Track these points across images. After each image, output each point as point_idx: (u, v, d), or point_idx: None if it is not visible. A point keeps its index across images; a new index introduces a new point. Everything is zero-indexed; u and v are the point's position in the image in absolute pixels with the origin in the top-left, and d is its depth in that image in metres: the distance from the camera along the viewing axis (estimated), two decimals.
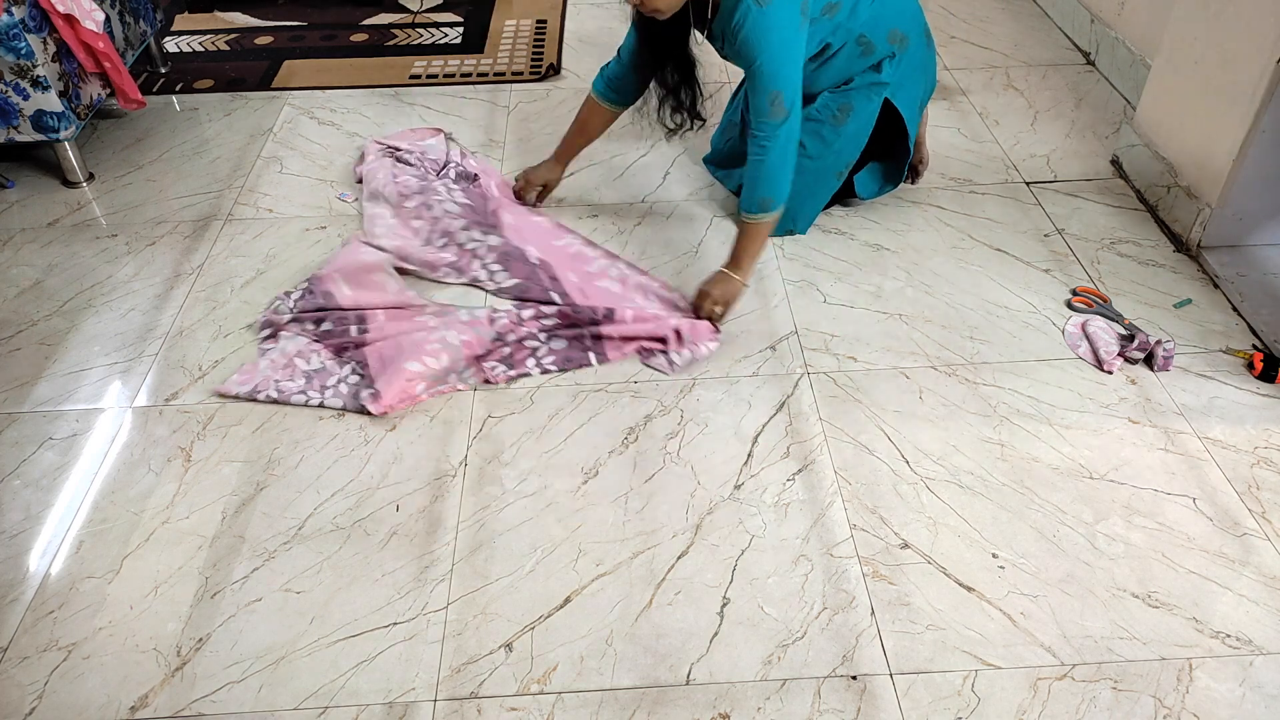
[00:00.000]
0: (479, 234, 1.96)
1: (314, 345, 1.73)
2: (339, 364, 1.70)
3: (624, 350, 1.73)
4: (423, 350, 1.67)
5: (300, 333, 1.76)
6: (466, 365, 1.68)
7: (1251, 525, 1.43)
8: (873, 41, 1.79)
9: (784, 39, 1.64)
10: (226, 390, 1.66)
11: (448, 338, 1.69)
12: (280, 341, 1.74)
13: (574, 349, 1.72)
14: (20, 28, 1.94)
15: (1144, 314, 1.80)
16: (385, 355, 1.69)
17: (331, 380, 1.67)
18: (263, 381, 1.67)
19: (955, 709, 1.21)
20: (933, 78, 1.96)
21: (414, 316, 1.77)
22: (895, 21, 1.81)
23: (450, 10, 3.07)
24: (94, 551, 1.42)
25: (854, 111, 1.85)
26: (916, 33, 1.85)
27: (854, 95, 1.84)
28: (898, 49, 1.82)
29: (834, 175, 1.94)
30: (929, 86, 1.96)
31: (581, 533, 1.43)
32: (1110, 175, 2.20)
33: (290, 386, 1.66)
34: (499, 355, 1.70)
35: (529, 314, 1.78)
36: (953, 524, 1.43)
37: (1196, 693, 1.22)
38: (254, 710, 1.22)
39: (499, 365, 1.69)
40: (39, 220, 2.11)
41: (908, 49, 1.83)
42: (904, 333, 1.78)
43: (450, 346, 1.68)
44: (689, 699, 1.23)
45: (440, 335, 1.70)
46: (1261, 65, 1.72)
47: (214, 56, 2.79)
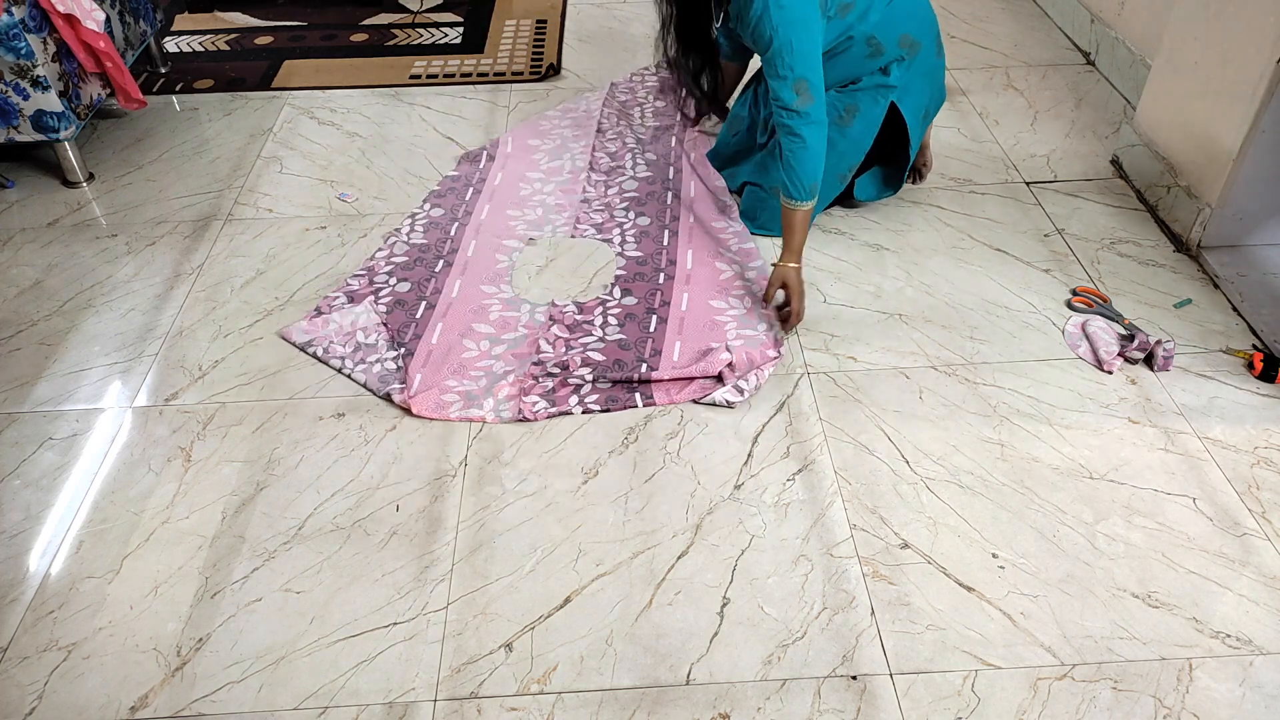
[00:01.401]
0: (634, 214, 2.07)
1: (379, 324, 1.79)
2: (390, 345, 1.74)
3: (673, 396, 1.65)
4: (466, 371, 1.69)
5: (374, 305, 1.83)
6: (508, 397, 1.64)
7: (1251, 525, 1.43)
8: (883, 44, 1.80)
9: (805, 28, 1.63)
10: (288, 335, 1.76)
11: (494, 366, 1.70)
12: (358, 306, 1.82)
13: (619, 390, 1.67)
14: (20, 28, 1.94)
15: (1144, 314, 1.80)
16: (433, 357, 1.71)
17: (373, 358, 1.72)
18: (320, 339, 1.75)
19: (955, 709, 1.21)
20: (941, 89, 1.96)
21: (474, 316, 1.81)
22: (907, 27, 1.81)
23: (450, 10, 3.07)
24: (94, 551, 1.42)
25: (860, 113, 1.85)
26: (928, 41, 1.85)
27: (860, 96, 1.85)
28: (908, 54, 1.82)
29: (836, 177, 1.94)
30: (936, 97, 1.95)
31: (581, 533, 1.43)
32: (1110, 175, 2.20)
33: (337, 350, 1.73)
34: (542, 390, 1.66)
35: (575, 353, 1.72)
36: (953, 524, 1.43)
37: (1196, 693, 1.22)
38: (254, 710, 1.22)
39: (540, 401, 1.64)
40: (39, 220, 2.11)
41: (918, 55, 1.83)
42: (904, 333, 1.78)
43: (492, 374, 1.69)
44: (689, 699, 1.23)
45: (488, 363, 1.71)
46: (1261, 65, 1.72)
47: (214, 56, 2.79)
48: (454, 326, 1.79)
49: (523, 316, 1.81)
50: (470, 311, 1.82)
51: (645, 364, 1.69)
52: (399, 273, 1.92)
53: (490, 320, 1.80)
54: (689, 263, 1.93)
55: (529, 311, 1.83)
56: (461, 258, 1.96)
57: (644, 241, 1.99)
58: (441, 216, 2.08)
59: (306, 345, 1.75)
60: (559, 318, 1.80)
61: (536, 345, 1.74)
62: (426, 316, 1.81)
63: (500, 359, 1.72)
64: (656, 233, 2.02)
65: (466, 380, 1.67)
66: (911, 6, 1.82)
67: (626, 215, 2.07)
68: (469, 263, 1.94)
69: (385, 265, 1.94)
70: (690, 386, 1.66)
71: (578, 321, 1.80)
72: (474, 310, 1.83)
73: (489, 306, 1.84)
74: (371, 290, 1.87)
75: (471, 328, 1.78)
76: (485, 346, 1.75)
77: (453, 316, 1.81)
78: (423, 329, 1.78)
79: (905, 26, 1.80)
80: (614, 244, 1.99)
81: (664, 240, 1.99)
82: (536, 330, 1.78)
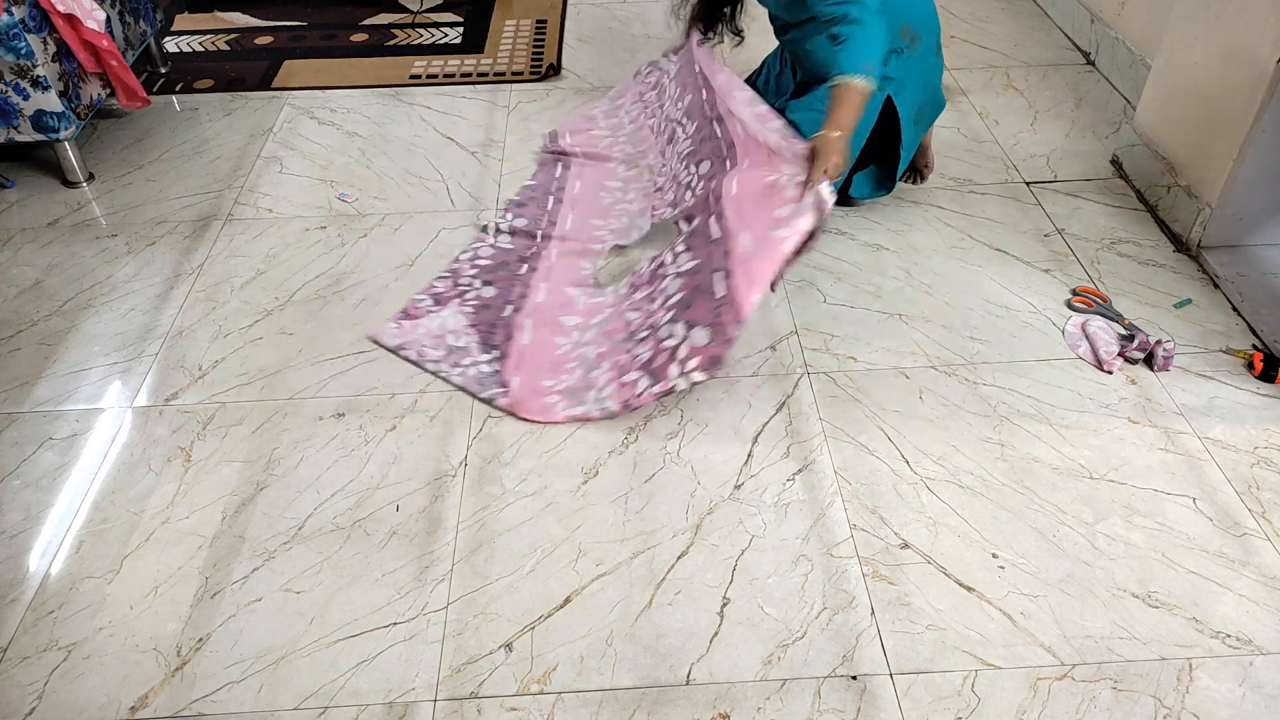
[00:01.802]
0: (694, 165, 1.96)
1: (468, 327, 1.78)
2: (482, 348, 1.73)
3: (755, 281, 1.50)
4: (561, 367, 1.68)
5: (461, 307, 1.82)
6: (608, 382, 1.61)
7: (1251, 525, 1.43)
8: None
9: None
10: (378, 337, 1.75)
11: (586, 353, 1.69)
12: (444, 310, 1.81)
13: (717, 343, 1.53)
14: (20, 28, 1.94)
15: (1144, 314, 1.80)
16: (527, 358, 1.70)
17: (467, 360, 1.71)
18: (412, 342, 1.74)
19: (955, 709, 1.21)
20: (938, 93, 1.94)
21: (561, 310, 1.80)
22: (909, 18, 1.80)
23: (450, 10, 3.07)
24: (94, 551, 1.42)
25: None
26: (929, 37, 1.84)
27: None
28: (907, 46, 1.81)
29: None
30: (933, 99, 1.94)
31: (581, 533, 1.43)
32: (1110, 175, 2.20)
33: (431, 354, 1.72)
34: (639, 365, 1.60)
35: (658, 303, 1.68)
36: (953, 524, 1.43)
37: (1196, 693, 1.22)
38: (254, 710, 1.22)
39: (642, 378, 1.58)
40: (39, 220, 2.11)
41: (916, 49, 1.83)
42: (904, 333, 1.78)
43: (585, 361, 1.68)
44: (689, 699, 1.23)
45: (580, 352, 1.70)
46: (1261, 65, 1.72)
47: (214, 56, 2.79)
48: (543, 323, 1.77)
49: (608, 298, 1.81)
50: (556, 306, 1.81)
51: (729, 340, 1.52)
52: (484, 275, 1.91)
53: (577, 310, 1.80)
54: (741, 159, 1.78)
55: (613, 291, 1.83)
56: (545, 263, 1.94)
57: (704, 184, 1.89)
58: (525, 225, 2.05)
59: (399, 349, 1.74)
60: (638, 282, 1.79)
61: (624, 320, 1.72)
62: (514, 318, 1.79)
63: (591, 343, 1.71)
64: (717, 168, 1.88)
65: (563, 374, 1.66)
66: (916, 1, 1.81)
67: (689, 171, 1.99)
68: (552, 268, 1.92)
69: (470, 268, 1.92)
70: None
71: (654, 272, 1.77)
72: (560, 305, 1.81)
73: (575, 298, 1.83)
74: (457, 293, 1.86)
75: (559, 322, 1.77)
76: (576, 337, 1.74)
77: (541, 314, 1.79)
78: (512, 330, 1.77)
79: (907, 17, 1.80)
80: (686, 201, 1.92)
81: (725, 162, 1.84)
82: (620, 303, 1.77)
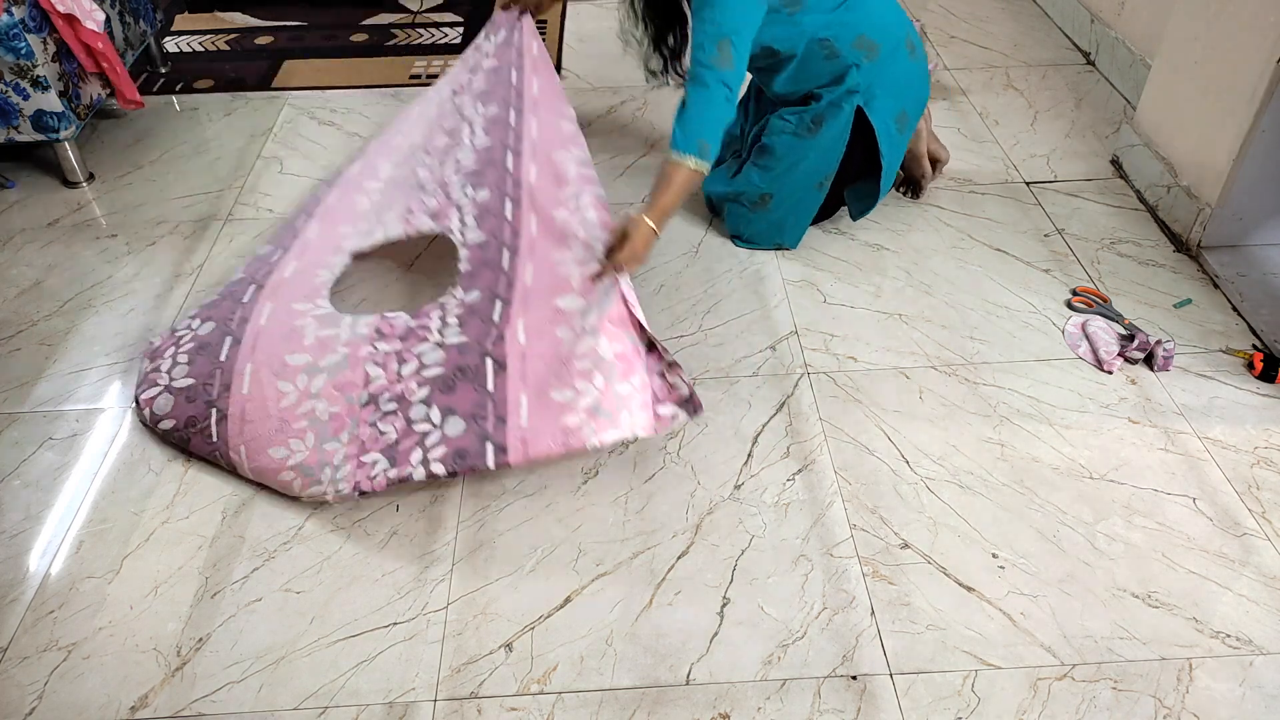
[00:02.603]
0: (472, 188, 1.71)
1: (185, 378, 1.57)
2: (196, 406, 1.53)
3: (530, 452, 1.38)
4: (289, 427, 1.46)
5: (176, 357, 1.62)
6: (345, 459, 1.42)
7: (1251, 525, 1.43)
8: (837, 47, 1.74)
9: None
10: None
11: (316, 409, 1.47)
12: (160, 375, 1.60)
13: (470, 435, 1.40)
14: (20, 28, 1.94)
15: (1144, 314, 1.80)
16: (248, 416, 1.49)
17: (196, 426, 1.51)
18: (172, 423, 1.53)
19: (955, 709, 1.21)
20: (917, 94, 1.88)
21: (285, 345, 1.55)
22: (863, 28, 1.75)
23: (450, 10, 3.07)
24: (94, 551, 1.42)
25: (826, 122, 1.79)
26: (890, 44, 1.78)
27: (823, 106, 1.79)
28: (865, 57, 1.76)
29: (814, 187, 1.89)
30: (912, 102, 1.87)
31: (581, 533, 1.43)
32: (1110, 175, 2.20)
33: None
34: (382, 444, 1.42)
35: (410, 369, 1.49)
36: (953, 524, 1.43)
37: (1196, 693, 1.22)
38: (254, 710, 1.22)
39: (380, 460, 1.41)
40: (39, 220, 2.11)
41: (877, 59, 1.77)
42: (904, 333, 1.78)
43: (318, 423, 1.46)
44: (689, 699, 1.23)
45: (309, 406, 1.48)
46: (1261, 65, 1.72)
47: (214, 56, 2.79)
48: (265, 364, 1.52)
49: (342, 333, 1.54)
50: (281, 338, 1.55)
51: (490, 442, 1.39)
52: (203, 313, 1.69)
53: (305, 345, 1.53)
54: (533, 229, 1.61)
55: (349, 326, 1.56)
56: (276, 279, 1.68)
57: (485, 221, 1.65)
58: (267, 253, 1.80)
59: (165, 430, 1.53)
60: (387, 330, 1.54)
61: (364, 373, 1.49)
62: (233, 356, 1.55)
63: (321, 396, 1.48)
64: (497, 206, 1.66)
65: (293, 438, 1.45)
66: (870, 11, 1.76)
67: (464, 193, 1.72)
68: (282, 283, 1.66)
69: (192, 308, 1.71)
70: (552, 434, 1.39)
71: (410, 329, 1.53)
72: (285, 336, 1.55)
73: (302, 329, 1.56)
74: (173, 341, 1.65)
75: (285, 362, 1.52)
76: (303, 383, 1.49)
77: (262, 351, 1.54)
78: (230, 375, 1.53)
79: (862, 28, 1.75)
80: (454, 231, 1.67)
81: (506, 212, 1.65)
82: (359, 346, 1.52)
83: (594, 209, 1.60)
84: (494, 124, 1.79)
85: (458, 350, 1.49)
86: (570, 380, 1.42)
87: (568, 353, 1.44)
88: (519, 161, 1.72)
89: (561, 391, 1.41)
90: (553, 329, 1.48)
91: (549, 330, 1.48)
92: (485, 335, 1.49)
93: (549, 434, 1.39)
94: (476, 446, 1.39)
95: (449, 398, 1.44)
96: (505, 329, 1.49)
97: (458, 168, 1.77)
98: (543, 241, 1.59)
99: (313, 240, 1.77)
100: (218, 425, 1.50)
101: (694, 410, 1.42)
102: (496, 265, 1.58)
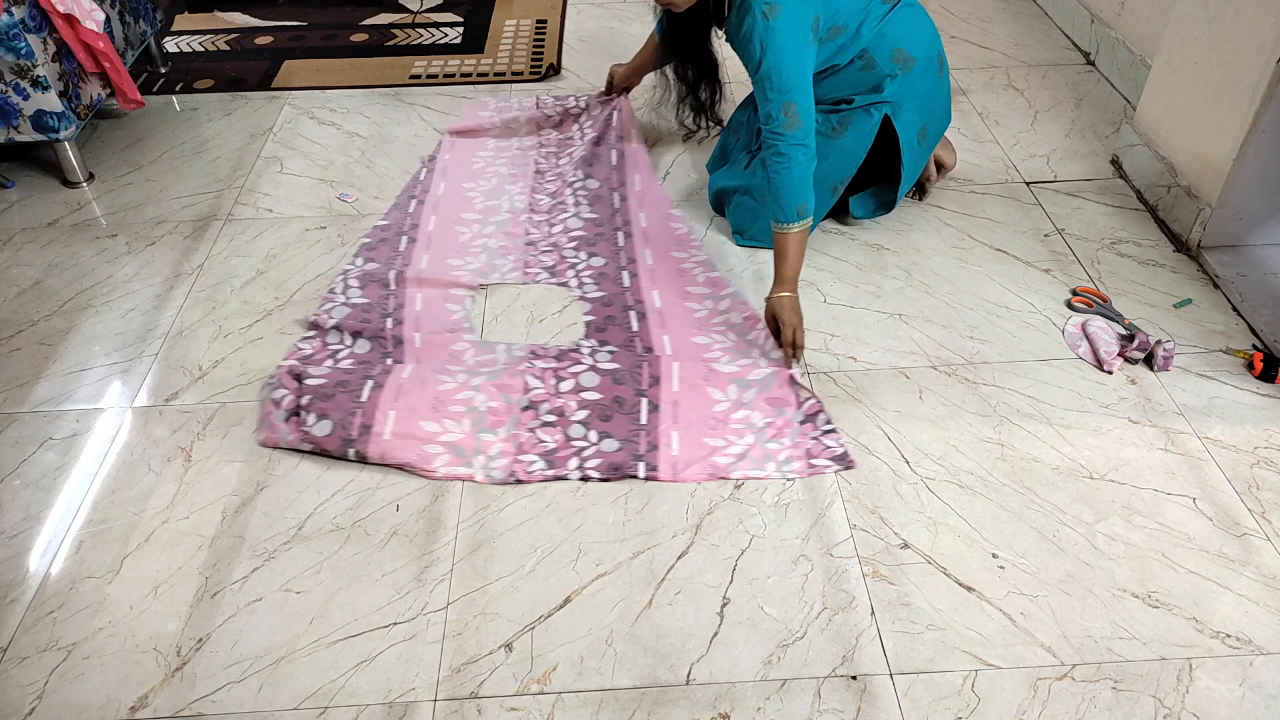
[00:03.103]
0: (585, 254, 1.96)
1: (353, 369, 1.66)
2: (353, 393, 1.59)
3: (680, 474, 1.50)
4: (445, 408, 1.57)
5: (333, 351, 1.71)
6: (501, 454, 1.52)
7: (1251, 525, 1.43)
8: (875, 59, 1.77)
9: (796, 52, 1.61)
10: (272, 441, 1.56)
11: (475, 400, 1.59)
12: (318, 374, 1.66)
13: (625, 454, 1.53)
14: (20, 28, 1.94)
15: (1144, 314, 1.80)
16: (404, 390, 1.59)
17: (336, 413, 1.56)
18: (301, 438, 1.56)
19: (955, 709, 1.21)
20: (942, 111, 1.90)
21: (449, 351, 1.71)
22: (901, 42, 1.78)
23: (450, 10, 3.07)
24: (94, 551, 1.42)
25: (852, 126, 1.82)
26: (925, 59, 1.81)
27: (853, 112, 1.82)
28: (900, 69, 1.79)
29: (828, 189, 1.90)
30: (938, 119, 1.90)
31: (581, 533, 1.43)
32: (1110, 175, 2.20)
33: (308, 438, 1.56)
34: (541, 449, 1.54)
35: (568, 386, 1.63)
36: (953, 524, 1.43)
37: (1196, 693, 1.22)
38: (254, 710, 1.22)
39: (538, 461, 1.52)
40: (39, 220, 2.11)
41: (911, 71, 1.80)
42: (904, 333, 1.78)
43: (475, 412, 1.57)
44: (689, 699, 1.23)
45: (468, 395, 1.60)
46: (1261, 65, 1.72)
47: (214, 56, 2.79)
48: (427, 364, 1.67)
49: (499, 356, 1.70)
50: (441, 357, 1.70)
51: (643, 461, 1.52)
52: (349, 329, 1.76)
53: (465, 363, 1.68)
54: (657, 302, 1.82)
55: (505, 350, 1.72)
56: (410, 312, 1.80)
57: (603, 283, 1.88)
58: (377, 270, 1.91)
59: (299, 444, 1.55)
60: (541, 353, 1.70)
61: (523, 382, 1.63)
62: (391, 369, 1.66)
63: (481, 390, 1.60)
64: (614, 273, 1.90)
65: (448, 419, 1.55)
66: (908, 25, 1.79)
67: (578, 255, 1.95)
68: (419, 316, 1.79)
69: (330, 321, 1.77)
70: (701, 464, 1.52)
71: (564, 352, 1.70)
72: (446, 357, 1.70)
73: (461, 352, 1.71)
74: (328, 353, 1.72)
75: (447, 366, 1.67)
76: (463, 379, 1.63)
77: (425, 360, 1.68)
78: (390, 367, 1.66)
79: (899, 41, 1.78)
80: (570, 287, 1.88)
81: (624, 281, 1.88)
82: (516, 363, 1.67)
83: (735, 310, 1.80)
84: (598, 200, 2.09)
85: (613, 379, 1.65)
86: (723, 433, 1.56)
87: (723, 414, 1.59)
88: (630, 243, 1.98)
89: (713, 439, 1.55)
90: (705, 385, 1.64)
91: (702, 386, 1.63)
92: (637, 371, 1.66)
93: (699, 465, 1.52)
94: (629, 461, 1.52)
95: (606, 425, 1.58)
96: (659, 371, 1.66)
97: (566, 230, 2.02)
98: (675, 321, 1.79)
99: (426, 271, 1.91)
100: (371, 391, 1.59)
101: (846, 467, 1.52)
102: (626, 326, 1.78)
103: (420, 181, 2.19)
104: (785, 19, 1.60)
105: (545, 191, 2.15)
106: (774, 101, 1.62)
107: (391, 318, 1.79)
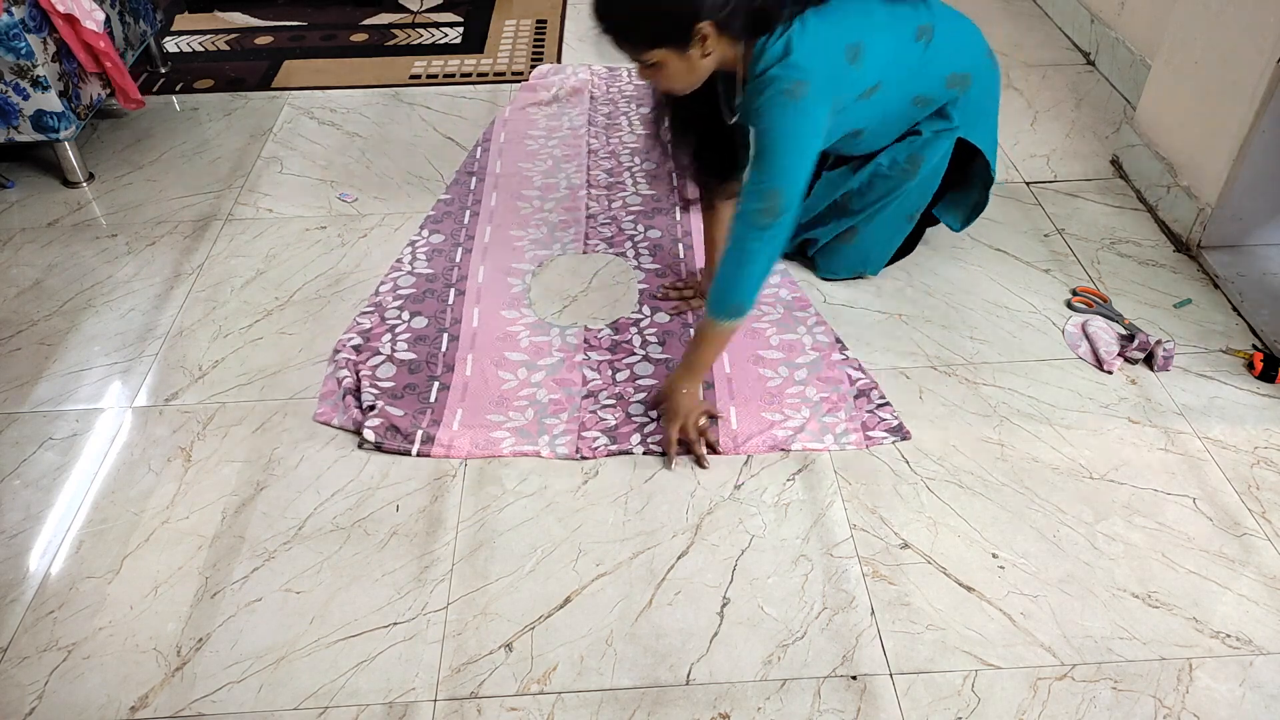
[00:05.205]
0: (642, 227, 2.05)
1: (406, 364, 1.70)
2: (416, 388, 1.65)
3: (740, 446, 1.54)
4: (509, 403, 1.63)
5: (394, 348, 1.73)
6: (564, 431, 1.57)
7: (1251, 525, 1.43)
8: (929, 95, 1.63)
9: (802, 140, 1.44)
10: (326, 419, 1.61)
11: (537, 395, 1.64)
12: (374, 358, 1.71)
13: None
14: (20, 28, 1.94)
15: (1144, 314, 1.80)
16: (472, 390, 1.65)
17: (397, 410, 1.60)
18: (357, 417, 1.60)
19: (955, 709, 1.21)
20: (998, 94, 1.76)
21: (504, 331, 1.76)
22: (951, 66, 1.62)
23: (450, 10, 3.07)
24: (94, 551, 1.42)
25: (925, 161, 1.70)
26: (979, 67, 1.67)
27: (920, 146, 1.69)
28: (959, 91, 1.65)
29: (905, 219, 1.82)
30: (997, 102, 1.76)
31: (581, 533, 1.43)
32: (1110, 175, 2.20)
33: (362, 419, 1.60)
34: (603, 427, 1.58)
35: (623, 376, 1.67)
36: (953, 524, 1.43)
37: (1196, 693, 1.22)
38: (254, 710, 1.22)
39: (601, 437, 1.56)
40: (39, 220, 2.11)
41: (970, 87, 1.66)
42: (904, 333, 1.78)
43: (538, 404, 1.62)
44: (689, 699, 1.23)
45: (530, 391, 1.65)
46: (1261, 65, 1.72)
47: (214, 56, 2.79)
48: (484, 356, 1.72)
49: (554, 341, 1.75)
50: (496, 340, 1.75)
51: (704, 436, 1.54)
52: (410, 306, 1.83)
53: (521, 347, 1.74)
54: None
55: (559, 335, 1.77)
56: (473, 284, 1.89)
57: (659, 255, 1.96)
58: (443, 243, 2.01)
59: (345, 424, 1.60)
60: (595, 342, 1.75)
61: (581, 375, 1.68)
62: (452, 349, 1.73)
63: (542, 385, 1.66)
64: (670, 245, 1.99)
65: (513, 412, 1.61)
66: (950, 44, 1.61)
67: (635, 228, 2.04)
68: (481, 290, 1.88)
69: (393, 300, 1.85)
70: (761, 436, 1.55)
71: (616, 342, 1.75)
72: (500, 338, 1.76)
73: (516, 334, 1.77)
74: (386, 328, 1.78)
75: (504, 356, 1.72)
76: (523, 375, 1.68)
77: (480, 348, 1.74)
78: (452, 360, 1.71)
79: (949, 66, 1.61)
80: (628, 258, 1.96)
81: (679, 253, 1.97)
82: (572, 354, 1.72)
83: (785, 287, 1.88)
84: (655, 179, 2.19)
85: (666, 367, 1.69)
86: (780, 407, 1.61)
87: (777, 389, 1.65)
88: (686, 216, 2.07)
89: (770, 413, 1.60)
90: (756, 368, 1.69)
91: (753, 369, 1.68)
92: None
93: (759, 437, 1.56)
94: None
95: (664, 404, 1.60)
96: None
97: (625, 206, 2.12)
98: None
99: (490, 245, 2.00)
100: (438, 393, 1.65)
101: (904, 438, 1.56)
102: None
103: (477, 159, 2.28)
104: (811, 99, 1.41)
105: (602, 169, 2.25)
106: (760, 183, 1.43)
107: (454, 288, 1.88)
